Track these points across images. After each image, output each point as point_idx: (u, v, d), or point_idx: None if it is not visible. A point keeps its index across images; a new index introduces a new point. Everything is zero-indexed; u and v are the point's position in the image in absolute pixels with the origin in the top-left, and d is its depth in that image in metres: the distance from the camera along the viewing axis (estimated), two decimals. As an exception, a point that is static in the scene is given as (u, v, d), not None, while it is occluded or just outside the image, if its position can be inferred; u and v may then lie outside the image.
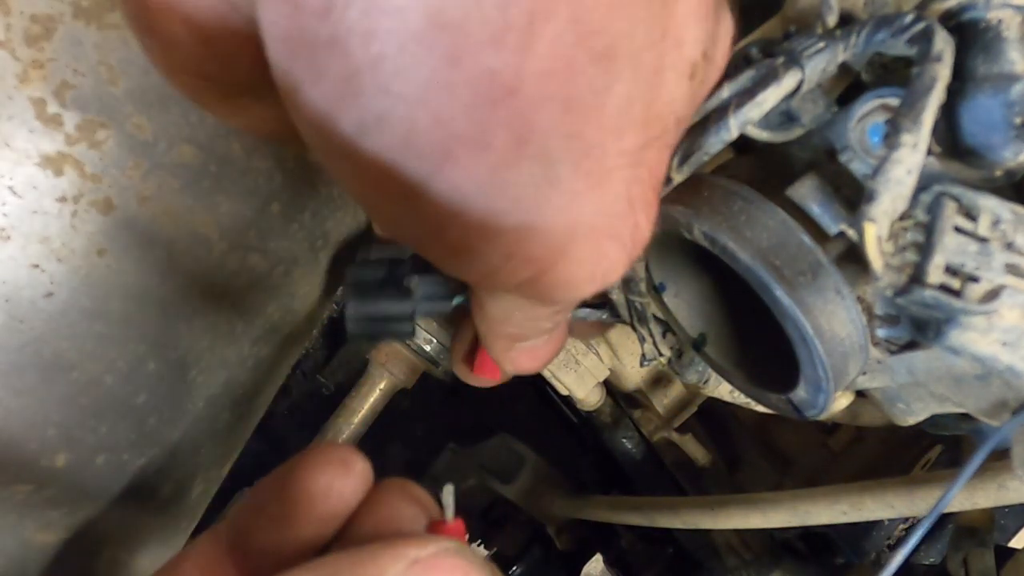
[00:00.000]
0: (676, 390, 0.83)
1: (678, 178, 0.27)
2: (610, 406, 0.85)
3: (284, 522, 0.24)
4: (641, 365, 0.39)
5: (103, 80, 0.33)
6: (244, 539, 0.25)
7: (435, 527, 0.26)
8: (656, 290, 0.34)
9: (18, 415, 0.33)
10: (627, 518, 0.69)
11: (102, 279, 0.35)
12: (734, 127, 0.26)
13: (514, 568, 0.88)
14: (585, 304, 0.37)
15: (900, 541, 0.82)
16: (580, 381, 0.75)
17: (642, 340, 0.37)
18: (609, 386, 0.84)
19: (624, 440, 0.86)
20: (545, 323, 0.30)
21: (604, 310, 0.37)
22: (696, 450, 0.83)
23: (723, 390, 0.47)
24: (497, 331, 0.30)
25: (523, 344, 0.31)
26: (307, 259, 0.45)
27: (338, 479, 0.25)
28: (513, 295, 0.25)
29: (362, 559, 0.20)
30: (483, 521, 0.90)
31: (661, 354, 0.38)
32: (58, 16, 0.32)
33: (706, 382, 0.39)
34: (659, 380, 0.82)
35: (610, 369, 0.76)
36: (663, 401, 0.83)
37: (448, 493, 0.26)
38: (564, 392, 0.78)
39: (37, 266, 0.33)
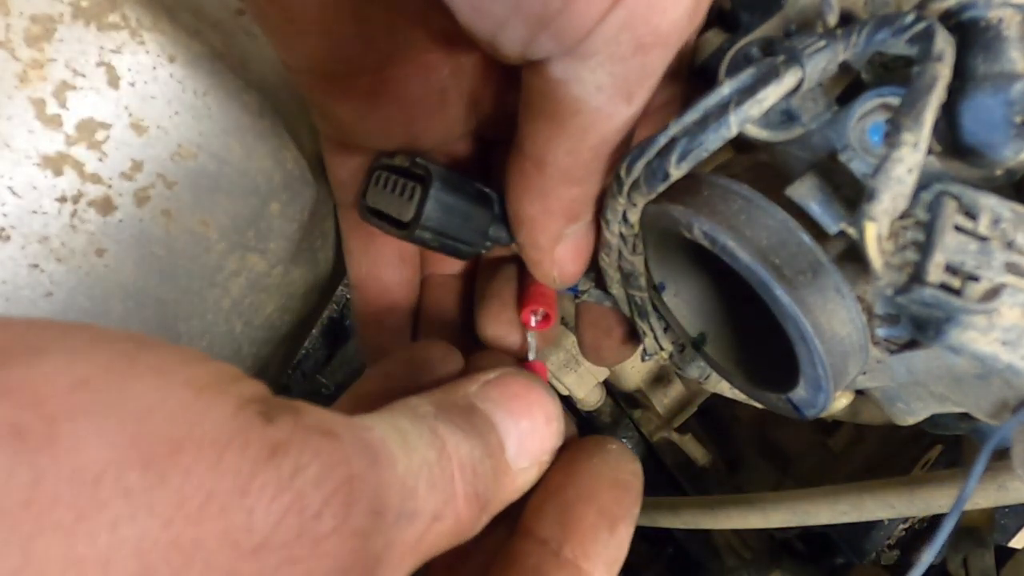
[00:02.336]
0: (676, 390, 0.83)
1: (676, 174, 0.27)
2: (610, 406, 0.85)
3: (410, 383, 0.30)
4: (642, 360, 0.39)
5: (103, 80, 0.33)
6: (376, 396, 0.29)
7: (522, 366, 0.32)
8: (656, 289, 0.34)
9: (17, 415, 0.33)
10: (627, 518, 0.68)
11: (101, 279, 0.35)
12: (734, 124, 0.26)
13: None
14: (599, 286, 0.37)
15: (900, 541, 0.82)
16: (580, 381, 0.75)
17: (643, 335, 0.37)
18: (609, 386, 0.84)
19: (624, 440, 0.86)
20: (609, 163, 0.30)
21: (611, 297, 0.37)
22: (696, 450, 0.83)
23: (724, 386, 0.47)
24: (555, 196, 0.31)
25: (572, 229, 0.32)
26: (307, 259, 0.45)
27: (449, 359, 0.32)
28: (605, 53, 0.25)
29: (454, 386, 0.27)
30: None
31: (662, 348, 0.37)
32: (58, 16, 0.32)
33: (707, 378, 0.39)
34: (659, 380, 0.82)
35: (610, 369, 0.76)
36: (663, 401, 0.83)
37: (531, 336, 0.35)
38: (564, 392, 0.78)
39: (36, 266, 0.33)
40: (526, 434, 0.27)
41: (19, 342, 0.16)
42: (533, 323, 0.36)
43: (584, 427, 0.93)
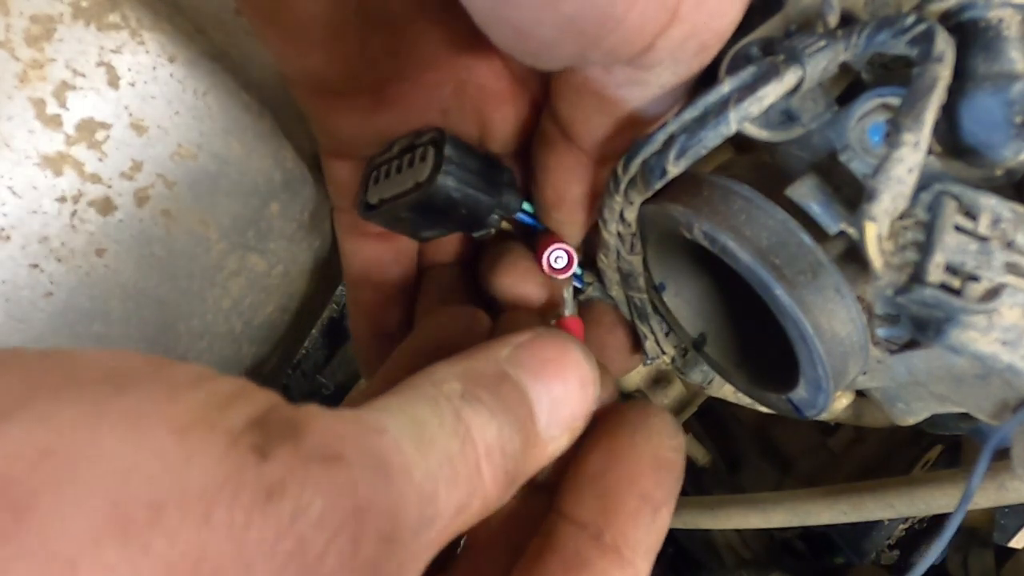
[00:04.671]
0: (676, 390, 0.83)
1: (674, 171, 0.27)
2: (610, 406, 0.85)
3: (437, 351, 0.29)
4: (644, 364, 0.39)
5: (103, 80, 0.33)
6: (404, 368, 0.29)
7: (557, 322, 0.33)
8: (656, 290, 0.34)
9: (17, 415, 0.33)
10: (627, 518, 0.68)
11: (101, 279, 0.35)
12: (733, 122, 0.26)
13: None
14: (600, 280, 0.37)
15: (900, 541, 0.82)
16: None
17: (644, 338, 0.37)
18: (609, 386, 0.84)
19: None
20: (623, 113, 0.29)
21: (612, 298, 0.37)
22: (696, 450, 0.83)
23: (727, 391, 0.47)
24: (600, 177, 0.31)
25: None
26: (307, 259, 0.45)
27: (476, 322, 0.32)
28: (670, 58, 0.25)
29: (483, 351, 0.25)
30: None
31: (664, 352, 0.37)
32: (58, 16, 0.32)
33: (710, 382, 0.39)
34: (659, 380, 0.82)
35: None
36: (663, 401, 0.83)
37: (567, 291, 0.34)
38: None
39: (36, 266, 0.33)
40: (558, 401, 0.26)
41: None
42: (554, 264, 0.35)
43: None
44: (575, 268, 0.35)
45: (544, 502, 0.27)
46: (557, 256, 0.35)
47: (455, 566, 0.28)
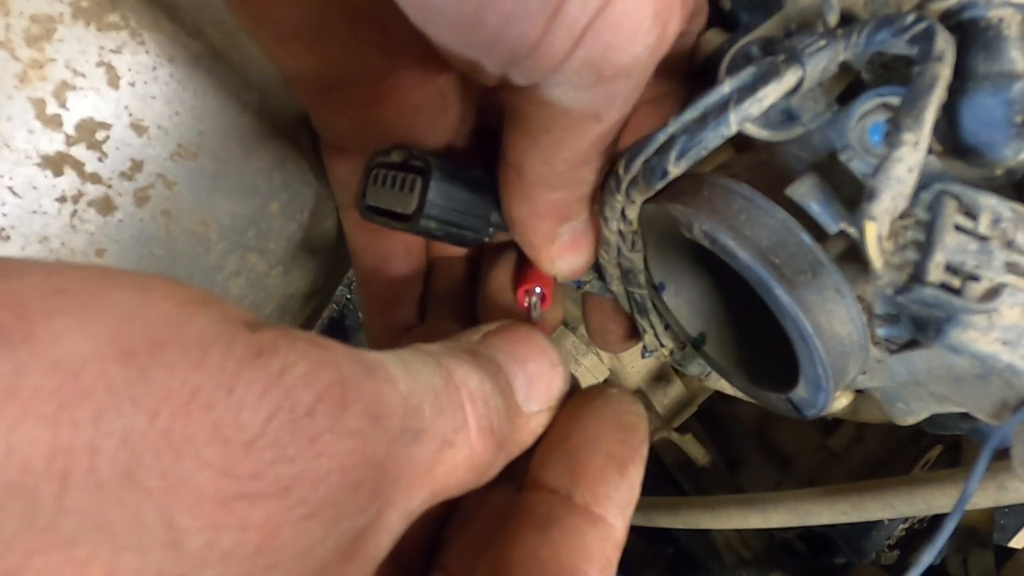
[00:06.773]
0: (676, 390, 0.83)
1: (675, 171, 0.27)
2: (610, 406, 0.85)
3: None
4: (643, 357, 0.39)
5: (103, 80, 0.33)
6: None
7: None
8: (656, 290, 0.34)
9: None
10: (627, 518, 0.68)
11: (101, 279, 0.35)
12: (733, 122, 0.26)
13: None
14: (600, 276, 0.37)
15: (900, 541, 0.82)
16: (579, 381, 0.75)
17: (643, 332, 0.37)
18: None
19: (624, 440, 0.86)
20: (587, 171, 0.30)
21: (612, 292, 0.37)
22: (696, 450, 0.83)
23: (724, 383, 0.47)
24: (540, 201, 0.31)
25: (566, 228, 0.33)
26: (306, 259, 0.45)
27: None
28: (570, 83, 0.26)
29: (459, 336, 0.28)
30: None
31: (663, 345, 0.37)
32: (58, 16, 0.32)
33: (708, 375, 0.39)
34: (659, 380, 0.82)
35: (610, 369, 0.76)
36: (663, 401, 0.83)
37: (535, 299, 0.36)
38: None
39: (36, 266, 0.33)
40: (533, 377, 0.27)
41: None
42: (528, 304, 0.36)
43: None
44: (551, 304, 0.37)
45: (514, 487, 0.28)
46: (533, 298, 0.36)
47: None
